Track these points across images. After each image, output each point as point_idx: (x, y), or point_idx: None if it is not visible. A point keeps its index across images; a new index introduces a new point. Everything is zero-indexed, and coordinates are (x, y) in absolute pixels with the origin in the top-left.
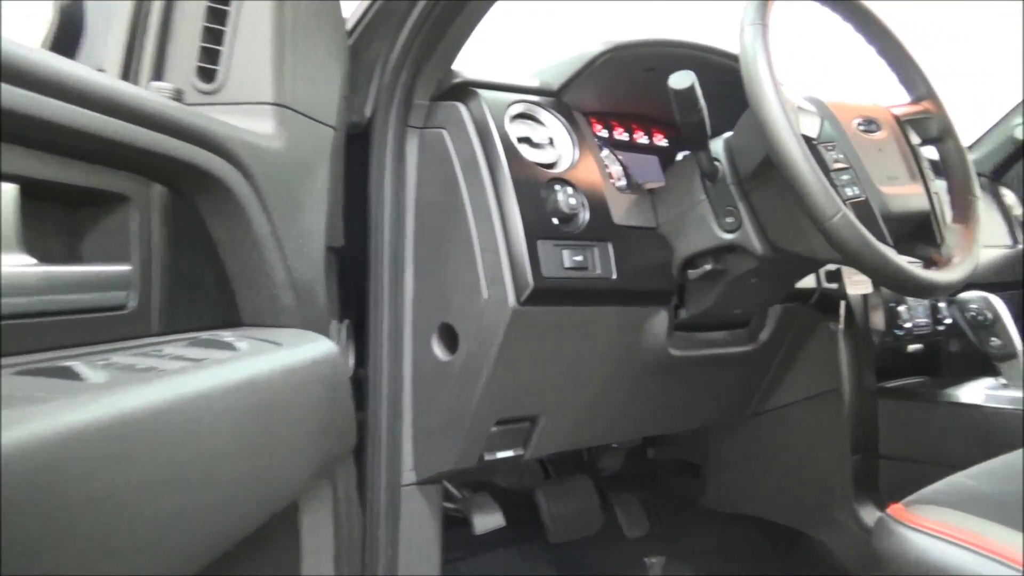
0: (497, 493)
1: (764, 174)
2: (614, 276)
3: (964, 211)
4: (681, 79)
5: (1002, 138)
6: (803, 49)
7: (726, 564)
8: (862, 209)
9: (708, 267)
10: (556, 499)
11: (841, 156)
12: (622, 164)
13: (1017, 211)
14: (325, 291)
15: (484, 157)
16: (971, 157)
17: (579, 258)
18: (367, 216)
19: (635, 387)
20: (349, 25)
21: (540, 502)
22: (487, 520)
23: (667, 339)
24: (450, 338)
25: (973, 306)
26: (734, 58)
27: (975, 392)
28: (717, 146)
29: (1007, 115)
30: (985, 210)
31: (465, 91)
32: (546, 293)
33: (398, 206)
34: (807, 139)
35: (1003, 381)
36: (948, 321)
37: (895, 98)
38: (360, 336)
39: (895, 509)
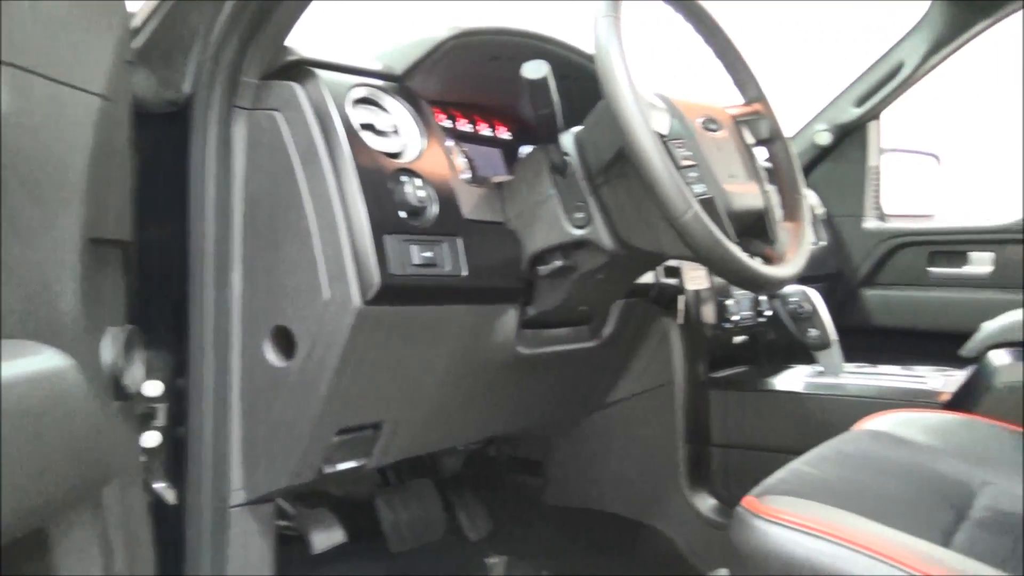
0: (333, 503)
1: (615, 169)
2: (464, 273)
3: (793, 209)
4: (535, 69)
5: (805, 143)
6: (645, 46)
7: (568, 559)
8: (708, 206)
9: (559, 263)
10: (396, 506)
11: (689, 154)
12: (467, 156)
13: (820, 211)
14: (80, 291)
15: (324, 144)
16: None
17: (428, 254)
18: (186, 206)
19: (483, 387)
20: None
21: (380, 511)
22: (326, 537)
23: (515, 337)
24: (285, 342)
25: (793, 299)
26: (580, 52)
27: (795, 380)
28: (567, 140)
29: (810, 122)
30: None
31: (301, 71)
32: (394, 292)
33: (223, 196)
34: (658, 136)
35: (820, 369)
36: (768, 313)
37: (731, 99)
38: (181, 342)
39: (748, 501)
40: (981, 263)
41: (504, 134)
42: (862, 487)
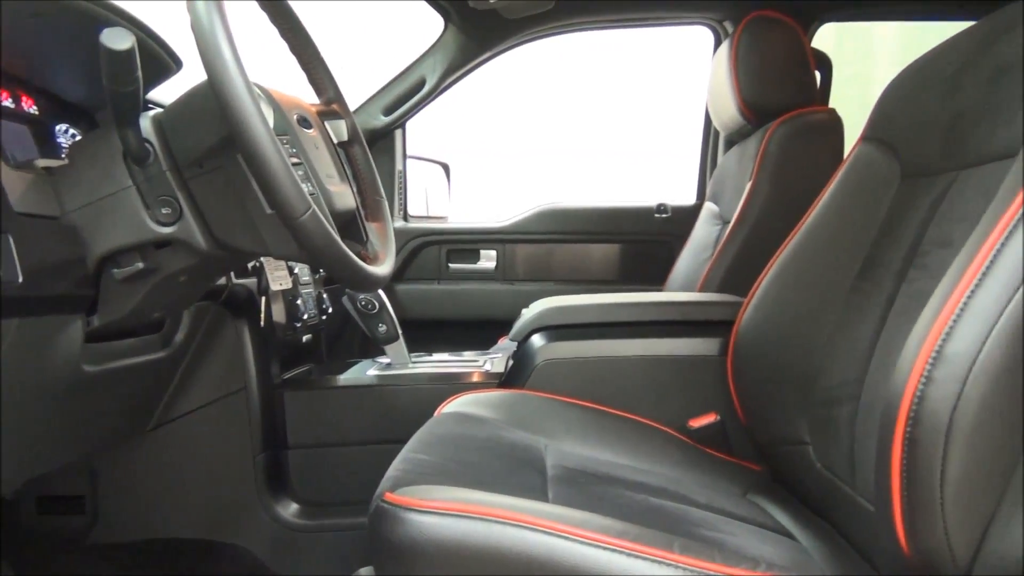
0: None
1: (211, 162)
2: (20, 279)
3: (376, 211)
4: (119, 38)
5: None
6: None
7: None
8: (319, 206)
9: (140, 265)
10: None
11: (295, 151)
12: None
13: None
14: None
15: None
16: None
17: None
18: None
19: (38, 416)
20: None
21: None
22: None
23: (80, 353)
24: None
25: (362, 297)
26: (136, 22)
27: (368, 374)
28: (144, 124)
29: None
30: None
31: None
32: None
33: None
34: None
35: (387, 361)
36: (329, 311)
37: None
38: None
39: (390, 497)
40: (488, 259)
41: (31, 108)
42: (470, 464)
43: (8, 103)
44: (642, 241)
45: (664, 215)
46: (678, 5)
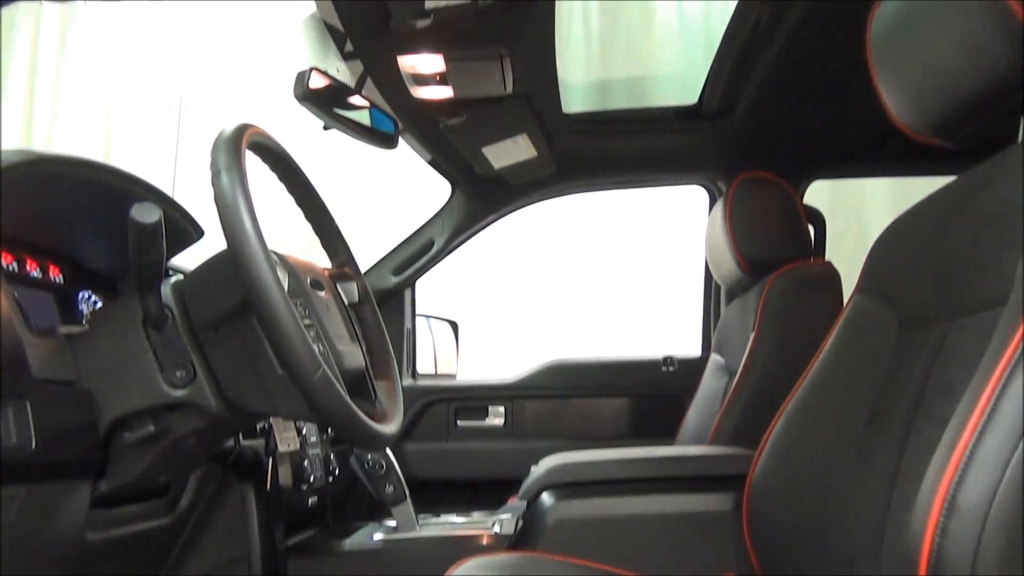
0: None
1: (227, 325)
2: (33, 446)
3: (385, 369)
4: (147, 212)
5: None
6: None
7: None
8: (329, 366)
9: (152, 429)
10: None
11: (306, 312)
12: (17, 301)
13: None
14: None
15: None
16: None
17: None
18: None
19: None
20: None
21: None
22: None
23: (84, 519)
24: None
25: (370, 457)
26: (158, 192)
27: (374, 538)
28: (165, 290)
29: None
30: None
31: None
32: None
33: None
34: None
35: (394, 524)
36: (336, 472)
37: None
38: None
39: None
40: (496, 416)
41: (56, 277)
42: None
43: (36, 273)
44: (651, 395)
45: (671, 368)
46: (672, 169)
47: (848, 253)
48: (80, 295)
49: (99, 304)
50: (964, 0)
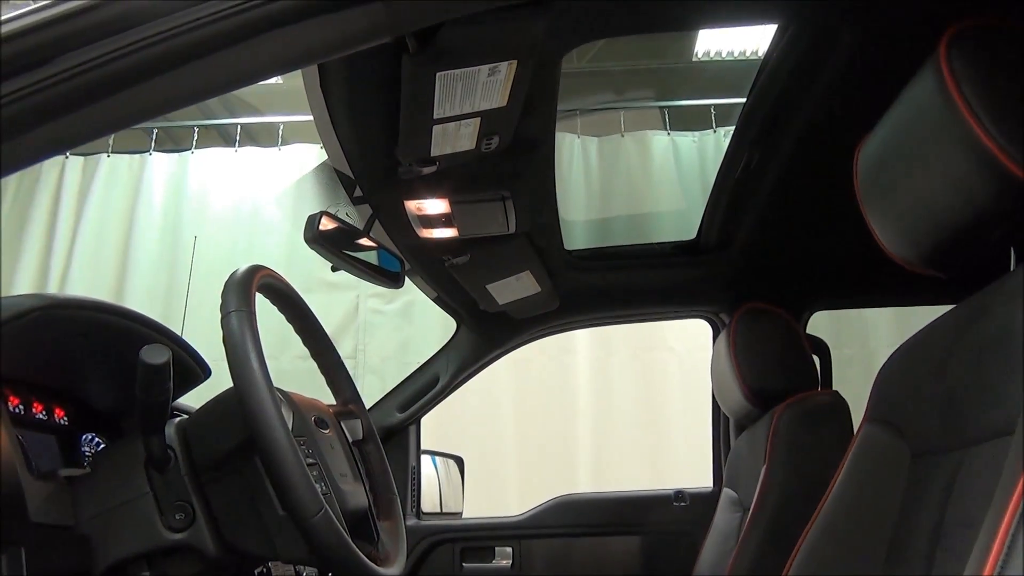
0: None
1: (229, 464)
2: None
3: (388, 509)
4: (156, 353)
5: None
6: None
7: None
8: (332, 507)
9: (147, 575)
10: None
11: (310, 451)
12: (21, 443)
13: None
14: None
15: None
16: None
17: None
18: None
19: None
20: None
21: None
22: None
23: None
24: None
25: None
26: (167, 333)
27: None
28: (169, 431)
29: None
30: None
31: None
32: None
33: None
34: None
35: None
36: None
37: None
38: None
39: None
40: (504, 557)
41: (60, 419)
42: None
43: (41, 415)
44: (663, 532)
45: (683, 504)
46: (675, 302)
47: (855, 381)
48: (84, 437)
49: (102, 446)
50: (943, 141)
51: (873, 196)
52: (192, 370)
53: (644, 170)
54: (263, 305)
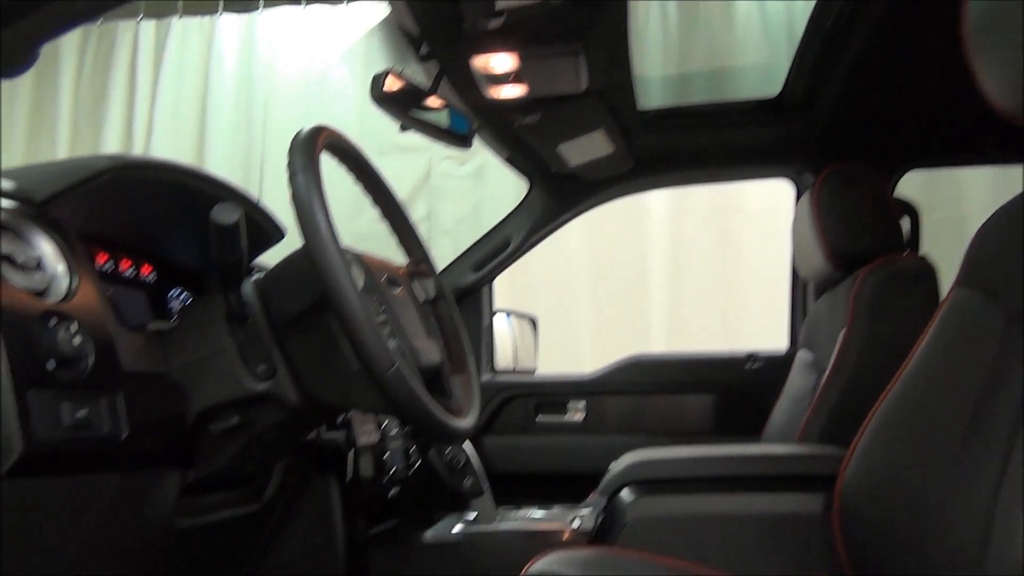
0: None
1: (305, 322)
2: (125, 435)
3: (461, 364)
4: (227, 213)
5: None
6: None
7: None
8: (404, 360)
9: (236, 420)
10: None
11: (382, 308)
12: (112, 299)
13: None
14: None
15: None
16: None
17: (83, 413)
18: None
19: (132, 571)
20: None
21: None
22: None
23: (174, 507)
24: None
25: (448, 451)
26: (243, 197)
27: (454, 530)
28: (247, 288)
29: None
30: None
31: None
32: (39, 461)
33: None
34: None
35: (471, 517)
36: (417, 464)
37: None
38: None
39: None
40: (577, 411)
41: (148, 275)
42: None
43: (130, 272)
44: (734, 392)
45: (755, 365)
46: (755, 163)
47: (946, 247)
48: (171, 292)
49: (189, 300)
50: None
51: (984, 40)
52: (266, 230)
53: (726, 21)
54: (339, 168)
